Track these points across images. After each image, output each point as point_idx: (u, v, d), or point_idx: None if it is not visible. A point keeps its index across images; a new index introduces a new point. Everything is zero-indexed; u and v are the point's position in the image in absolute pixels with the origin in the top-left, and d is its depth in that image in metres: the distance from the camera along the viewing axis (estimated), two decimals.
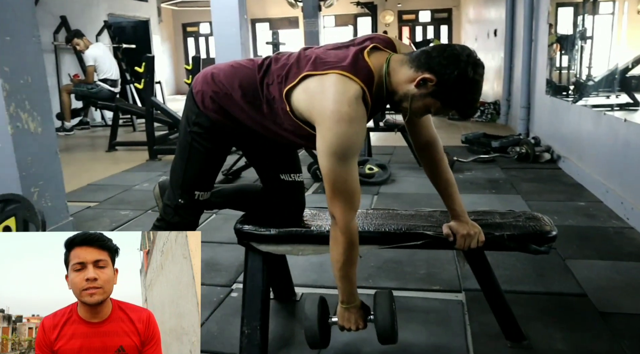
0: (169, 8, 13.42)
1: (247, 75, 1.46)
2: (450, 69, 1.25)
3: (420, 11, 13.56)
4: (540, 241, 1.53)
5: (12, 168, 2.48)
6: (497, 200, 3.36)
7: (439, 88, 1.28)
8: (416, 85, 1.29)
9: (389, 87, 1.34)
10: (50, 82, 7.29)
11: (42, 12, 6.90)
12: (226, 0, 5.35)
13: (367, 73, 1.31)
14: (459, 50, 1.28)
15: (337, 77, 1.29)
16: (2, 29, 2.39)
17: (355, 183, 1.33)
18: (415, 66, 1.30)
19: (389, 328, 1.41)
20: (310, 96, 1.31)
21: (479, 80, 1.28)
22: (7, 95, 2.41)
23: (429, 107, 1.32)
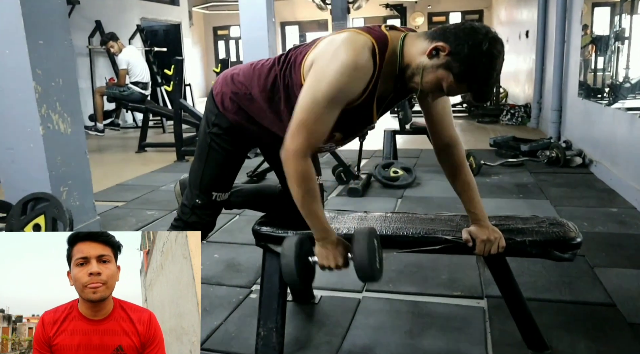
0: (200, 12, 13.66)
1: (266, 71, 1.46)
2: (465, 39, 1.20)
3: (450, 13, 13.42)
4: (563, 248, 1.48)
5: (42, 167, 2.56)
6: (525, 205, 3.28)
7: (452, 59, 1.21)
8: (428, 55, 1.24)
9: (403, 62, 1.30)
10: (84, 84, 7.54)
11: (78, 17, 7.13)
12: (254, 4, 5.41)
13: (381, 36, 1.29)
14: (477, 26, 1.23)
15: (349, 32, 1.29)
16: (36, 34, 2.47)
17: (324, 127, 1.29)
18: (430, 38, 1.26)
19: (366, 263, 1.30)
20: (320, 51, 1.30)
21: (496, 55, 1.20)
22: (39, 97, 2.49)
23: (440, 80, 1.25)
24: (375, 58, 1.26)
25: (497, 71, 1.24)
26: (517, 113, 7.01)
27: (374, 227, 1.41)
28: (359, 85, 1.27)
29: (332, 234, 1.39)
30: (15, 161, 2.60)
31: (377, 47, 1.26)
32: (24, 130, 2.53)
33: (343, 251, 1.39)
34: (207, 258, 2.55)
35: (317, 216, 1.36)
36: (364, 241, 1.32)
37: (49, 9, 2.54)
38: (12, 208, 2.59)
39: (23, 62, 2.43)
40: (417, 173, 4.27)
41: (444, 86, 1.27)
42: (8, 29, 2.41)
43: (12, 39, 2.42)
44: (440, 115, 1.50)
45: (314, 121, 1.27)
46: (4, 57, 2.45)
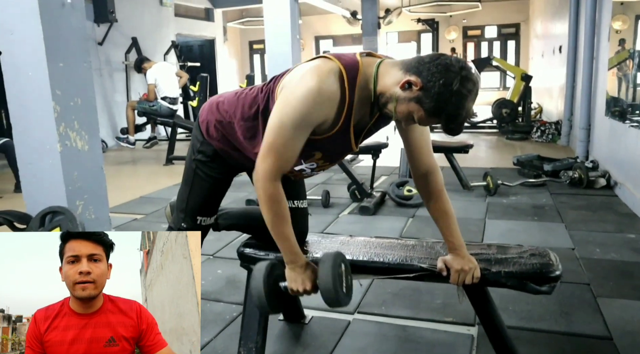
0: (236, 27, 13.98)
1: (248, 100, 1.51)
2: (437, 76, 1.22)
3: (486, 26, 13.24)
4: (540, 281, 1.46)
5: (59, 182, 2.69)
6: (537, 228, 3.20)
7: (423, 94, 1.24)
8: (401, 87, 1.27)
9: (377, 89, 1.33)
10: (120, 98, 7.84)
11: (116, 34, 7.46)
12: (279, 20, 5.53)
13: (351, 61, 1.32)
14: (452, 61, 1.24)
15: (319, 59, 1.33)
16: (57, 57, 2.61)
17: (293, 153, 1.33)
18: (404, 69, 1.28)
19: (331, 288, 1.30)
20: (291, 78, 1.35)
21: (465, 94, 1.22)
22: (57, 116, 2.63)
23: (412, 113, 1.28)
24: (344, 84, 1.30)
25: (467, 109, 1.25)
26: (547, 130, 6.85)
27: (340, 251, 1.42)
28: (324, 110, 1.31)
29: (300, 258, 1.41)
30: (35, 175, 2.75)
31: (346, 72, 1.30)
32: (44, 147, 2.67)
33: (311, 276, 1.40)
34: (209, 274, 2.61)
35: (286, 238, 1.39)
36: (329, 266, 1.33)
37: (69, 33, 2.68)
38: (32, 220, 2.74)
39: (43, 83, 2.57)
40: None
41: (415, 118, 1.30)
42: (31, 52, 2.56)
43: (35, 62, 2.57)
44: (418, 143, 1.52)
45: (281, 144, 1.31)
46: (27, 78, 2.61)
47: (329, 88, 1.28)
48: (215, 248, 2.95)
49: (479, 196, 4.01)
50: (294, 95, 1.29)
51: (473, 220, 3.41)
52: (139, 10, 8.03)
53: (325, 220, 3.53)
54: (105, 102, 7.50)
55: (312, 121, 1.31)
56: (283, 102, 1.32)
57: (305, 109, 1.28)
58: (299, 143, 1.33)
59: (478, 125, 8.34)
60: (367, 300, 2.27)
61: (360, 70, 1.32)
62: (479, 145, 7.08)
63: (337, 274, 1.34)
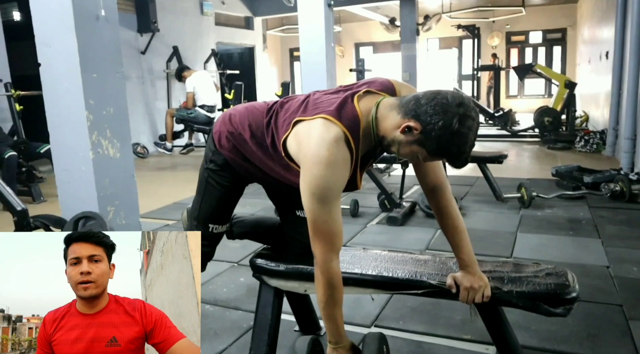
0: (277, 35, 14.17)
1: (256, 117, 1.54)
2: (436, 119, 1.22)
3: (530, 32, 12.88)
4: (554, 302, 1.40)
5: (91, 188, 2.80)
6: (571, 244, 3.07)
7: (424, 137, 1.25)
8: (401, 132, 1.27)
9: (378, 132, 1.34)
10: (161, 105, 8.07)
11: (158, 43, 7.71)
12: (313, 29, 5.56)
13: (352, 117, 1.32)
14: (449, 100, 1.23)
15: (322, 121, 1.32)
16: (90, 68, 2.73)
17: (335, 225, 1.34)
18: (403, 112, 1.28)
19: None
20: (298, 141, 1.35)
21: (466, 132, 1.22)
22: (90, 124, 2.74)
23: (416, 153, 1.30)
24: (351, 145, 1.31)
25: (470, 145, 1.25)
26: (592, 139, 6.57)
27: (383, 334, 1.46)
28: (344, 174, 1.32)
29: (346, 340, 1.42)
30: (69, 182, 2.87)
31: (350, 135, 1.31)
32: (77, 154, 2.79)
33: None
34: (231, 281, 2.65)
35: (335, 321, 1.40)
36: (373, 351, 1.37)
37: (103, 45, 2.80)
38: (66, 224, 2.86)
39: (77, 93, 2.69)
40: (466, 203, 4.15)
41: (420, 158, 1.32)
42: (66, 64, 2.69)
43: (69, 73, 2.69)
44: None
45: (322, 222, 1.33)
46: (63, 89, 2.73)
47: (342, 156, 1.29)
48: (240, 256, 2.98)
49: (513, 209, 3.89)
50: (311, 174, 1.29)
51: (503, 233, 3.31)
52: (180, 20, 8.27)
53: (352, 230, 3.51)
54: (147, 109, 7.75)
55: (338, 189, 1.32)
56: (305, 182, 1.32)
57: (326, 183, 1.29)
58: (336, 212, 1.34)
59: (519, 133, 8.11)
60: (385, 314, 2.24)
61: (361, 123, 1.33)
62: (517, 155, 6.89)
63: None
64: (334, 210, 1.33)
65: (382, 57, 14.50)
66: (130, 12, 7.37)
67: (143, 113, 7.70)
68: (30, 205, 4.69)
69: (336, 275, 1.36)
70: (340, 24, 13.25)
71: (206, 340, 2.07)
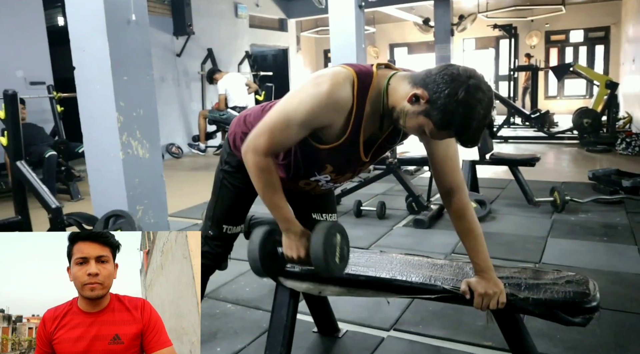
0: (311, 36, 14.24)
1: None
2: (443, 87, 1.19)
3: (571, 31, 12.48)
4: (572, 311, 1.35)
5: (121, 188, 2.89)
6: (604, 250, 2.96)
7: (430, 107, 1.21)
8: (409, 101, 1.25)
9: (388, 102, 1.32)
10: (196, 106, 8.22)
11: (192, 46, 7.87)
12: (344, 31, 5.57)
13: (365, 71, 1.32)
14: (460, 71, 1.20)
15: (337, 67, 1.34)
16: (122, 71, 2.81)
17: (287, 141, 1.35)
18: (413, 82, 1.26)
19: (320, 256, 1.32)
20: (307, 78, 1.37)
21: (473, 103, 1.17)
22: (120, 125, 2.83)
23: (422, 126, 1.26)
24: (354, 89, 1.30)
25: (478, 119, 1.20)
26: (634, 142, 6.31)
27: (339, 222, 1.44)
28: (331, 115, 1.31)
29: (294, 225, 1.42)
30: (101, 181, 2.97)
31: (357, 81, 1.30)
32: (108, 155, 2.88)
33: (306, 243, 1.40)
34: (254, 281, 2.67)
35: (278, 207, 1.41)
36: (321, 235, 1.34)
37: (134, 48, 2.88)
38: (97, 222, 2.95)
39: (109, 95, 2.78)
40: (497, 206, 4.06)
41: (427, 131, 1.27)
42: (98, 67, 2.78)
43: (101, 76, 2.78)
44: (442, 159, 1.47)
45: (279, 130, 1.34)
46: (95, 91, 2.83)
47: (341, 95, 1.29)
48: None
49: (545, 213, 3.77)
50: (305, 92, 1.31)
51: (533, 237, 3.22)
52: (215, 23, 8.42)
53: (378, 232, 3.49)
54: (181, 110, 7.92)
55: (315, 122, 1.32)
56: (294, 94, 1.34)
57: (312, 108, 1.29)
58: (296, 137, 1.35)
59: (556, 135, 7.87)
60: (405, 317, 2.21)
61: (374, 82, 1.32)
62: (554, 157, 6.69)
63: (329, 243, 1.35)
64: (297, 133, 1.33)
65: (417, 58, 14.35)
66: (166, 15, 7.55)
67: (178, 114, 7.87)
68: (68, 202, 4.88)
69: (268, 162, 1.35)
70: (375, 25, 13.20)
71: (226, 339, 2.11)
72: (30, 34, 5.80)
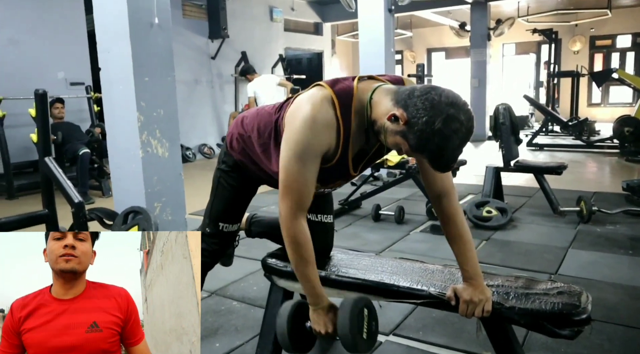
0: (348, 41, 14.26)
1: (265, 118, 1.57)
2: (421, 113, 1.18)
3: (618, 36, 11.99)
4: (560, 323, 1.31)
5: (140, 185, 2.99)
6: (627, 263, 2.83)
7: (407, 129, 1.21)
8: (388, 119, 1.25)
9: (371, 116, 1.32)
10: (229, 108, 8.35)
11: (227, 49, 8.03)
12: (373, 34, 5.56)
13: (346, 88, 1.32)
14: (441, 98, 1.18)
15: (315, 87, 1.35)
16: (143, 72, 2.91)
17: (307, 185, 1.33)
18: (395, 100, 1.26)
19: (347, 334, 1.28)
20: (291, 108, 1.38)
21: (448, 134, 1.16)
22: (140, 125, 2.93)
23: (399, 145, 1.26)
24: (337, 112, 1.30)
25: (452, 149, 1.19)
26: None
27: (365, 296, 1.41)
28: (324, 137, 1.31)
29: (324, 300, 1.40)
30: (121, 178, 3.08)
31: (337, 100, 1.30)
32: (128, 153, 2.98)
33: (334, 318, 1.38)
34: (263, 280, 2.68)
35: (309, 281, 1.39)
36: (348, 310, 1.31)
37: (156, 51, 2.98)
38: (117, 217, 3.06)
39: (130, 95, 2.89)
40: (520, 215, 3.96)
41: (403, 150, 1.28)
42: (121, 68, 2.89)
43: (124, 77, 2.89)
44: None
45: (293, 180, 1.33)
46: (118, 91, 2.94)
47: (324, 116, 1.29)
48: None
49: (570, 223, 3.64)
50: (292, 128, 1.31)
51: (553, 248, 3.12)
52: (249, 26, 8.57)
53: (393, 237, 3.47)
54: (214, 112, 8.09)
55: (315, 150, 1.31)
56: (285, 138, 1.34)
57: (305, 139, 1.29)
58: (311, 175, 1.33)
59: (595, 144, 7.59)
60: (407, 322, 2.19)
61: (355, 97, 1.32)
62: (590, 167, 6.44)
63: (357, 319, 1.31)
64: (307, 171, 1.32)
65: (454, 62, 14.14)
66: (202, 19, 7.74)
67: (211, 115, 8.04)
68: (100, 198, 5.07)
69: (303, 233, 1.34)
70: (412, 29, 13.09)
71: (226, 335, 2.14)
72: (72, 38, 6.08)
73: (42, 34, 5.77)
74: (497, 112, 3.99)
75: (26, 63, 5.62)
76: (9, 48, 5.52)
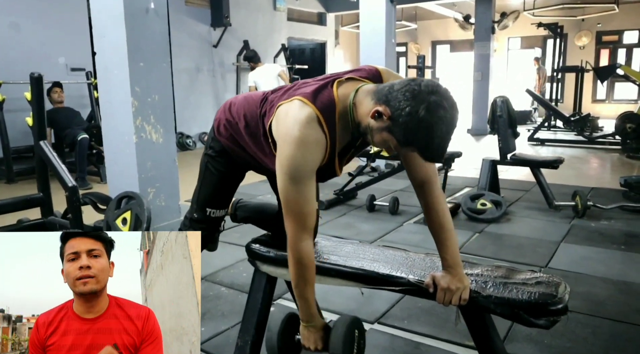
0: (352, 31, 14.18)
1: (251, 107, 1.57)
2: (403, 105, 1.17)
3: (625, 31, 11.88)
4: (536, 313, 1.31)
5: (133, 170, 3.00)
6: (619, 259, 2.83)
7: (392, 124, 1.20)
8: (372, 117, 1.24)
9: (355, 118, 1.32)
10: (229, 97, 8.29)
11: (229, 37, 8.00)
12: (374, 25, 5.54)
13: (327, 100, 1.31)
14: (421, 87, 1.18)
15: (297, 102, 1.33)
16: (138, 57, 2.91)
17: (307, 205, 1.33)
18: (376, 98, 1.25)
19: (340, 352, 1.33)
20: (277, 123, 1.37)
21: (433, 121, 1.15)
22: (135, 110, 2.93)
23: (387, 141, 1.25)
24: (324, 129, 1.30)
25: (440, 136, 1.18)
26: None
27: (356, 317, 1.43)
28: (316, 155, 1.31)
29: (317, 319, 1.42)
30: (116, 163, 3.09)
31: (323, 117, 1.30)
32: (123, 138, 2.99)
33: (325, 337, 1.40)
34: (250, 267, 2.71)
35: (306, 300, 1.40)
36: (341, 333, 1.35)
37: (152, 37, 2.97)
38: (110, 202, 3.07)
39: (124, 80, 2.89)
40: (516, 208, 3.95)
41: (392, 146, 1.27)
42: (116, 53, 2.89)
43: (119, 62, 2.89)
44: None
45: (293, 202, 1.33)
46: (113, 76, 2.94)
47: (314, 137, 1.29)
48: None
49: (565, 218, 3.64)
50: (283, 153, 1.31)
51: (545, 242, 3.11)
52: (253, 15, 8.53)
53: (386, 227, 3.47)
54: (216, 100, 8.08)
55: (309, 169, 1.32)
56: (278, 162, 1.33)
57: (297, 162, 1.29)
58: (309, 192, 1.34)
59: (597, 140, 7.55)
60: (393, 312, 2.20)
61: (338, 107, 1.32)
62: (590, 162, 6.42)
63: (348, 341, 1.36)
64: (306, 190, 1.32)
65: (459, 55, 14.05)
66: (204, 7, 7.71)
67: (212, 104, 8.03)
68: (98, 184, 5.09)
69: (306, 255, 1.35)
70: (417, 21, 13.00)
71: (213, 319, 2.16)
72: (73, 23, 6.07)
73: (43, 18, 5.77)
74: (495, 104, 3.96)
75: (27, 48, 5.62)
76: (10, 32, 5.53)
